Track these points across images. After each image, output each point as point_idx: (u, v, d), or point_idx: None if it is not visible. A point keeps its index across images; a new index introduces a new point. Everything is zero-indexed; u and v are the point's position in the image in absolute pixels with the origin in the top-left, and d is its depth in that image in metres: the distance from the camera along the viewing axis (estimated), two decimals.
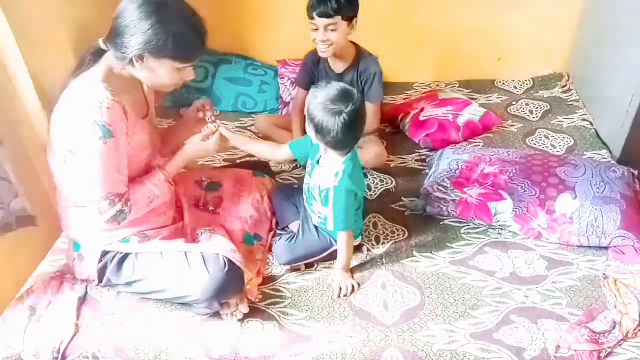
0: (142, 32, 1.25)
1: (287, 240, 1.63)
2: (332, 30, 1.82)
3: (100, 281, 1.49)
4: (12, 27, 1.55)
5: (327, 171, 1.51)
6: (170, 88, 1.43)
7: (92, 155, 1.29)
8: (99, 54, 1.37)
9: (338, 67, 2.01)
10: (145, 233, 1.48)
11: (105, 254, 1.47)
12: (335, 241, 1.60)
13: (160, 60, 1.31)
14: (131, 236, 1.46)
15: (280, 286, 1.58)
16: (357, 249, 1.68)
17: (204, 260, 1.41)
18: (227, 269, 1.40)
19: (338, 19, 1.79)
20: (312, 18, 1.82)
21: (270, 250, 1.69)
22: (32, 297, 1.53)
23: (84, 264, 1.49)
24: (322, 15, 1.78)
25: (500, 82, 2.63)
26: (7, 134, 1.54)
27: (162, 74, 1.34)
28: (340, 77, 1.97)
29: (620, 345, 1.36)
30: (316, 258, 1.63)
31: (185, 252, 1.44)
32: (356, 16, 1.86)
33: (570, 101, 2.43)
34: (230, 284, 1.42)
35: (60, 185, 1.45)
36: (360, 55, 1.98)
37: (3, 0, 1.51)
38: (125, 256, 1.46)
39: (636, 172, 1.83)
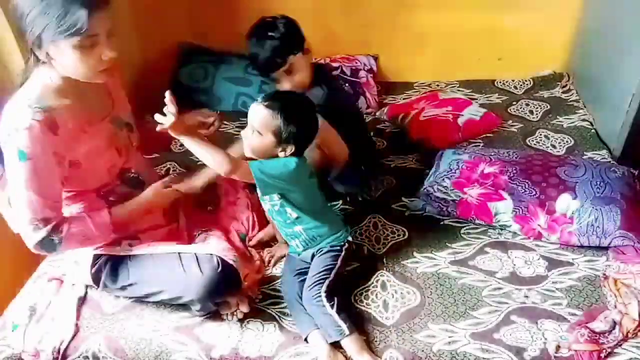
0: (27, 19, 1.14)
1: None
2: (293, 73, 1.67)
3: (98, 285, 1.48)
4: (11, 27, 1.55)
5: None
6: (96, 75, 1.25)
7: (12, 179, 1.24)
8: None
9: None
10: (138, 236, 1.47)
11: (97, 257, 1.45)
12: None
13: (56, 44, 1.16)
14: (122, 239, 1.45)
15: (280, 286, 1.57)
16: (358, 250, 1.67)
17: (197, 260, 1.40)
18: (220, 268, 1.39)
19: (291, 58, 1.65)
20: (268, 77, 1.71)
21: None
22: (32, 297, 1.53)
23: (79, 269, 1.49)
24: (275, 69, 1.66)
25: (500, 82, 2.62)
26: None
27: (69, 59, 1.19)
28: None
29: (620, 345, 1.36)
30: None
31: (179, 253, 1.43)
32: (304, 42, 1.70)
33: (570, 101, 2.43)
34: (224, 284, 1.40)
35: None
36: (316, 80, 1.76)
37: (3, 0, 1.51)
38: (119, 260, 1.45)
39: (636, 172, 1.82)
